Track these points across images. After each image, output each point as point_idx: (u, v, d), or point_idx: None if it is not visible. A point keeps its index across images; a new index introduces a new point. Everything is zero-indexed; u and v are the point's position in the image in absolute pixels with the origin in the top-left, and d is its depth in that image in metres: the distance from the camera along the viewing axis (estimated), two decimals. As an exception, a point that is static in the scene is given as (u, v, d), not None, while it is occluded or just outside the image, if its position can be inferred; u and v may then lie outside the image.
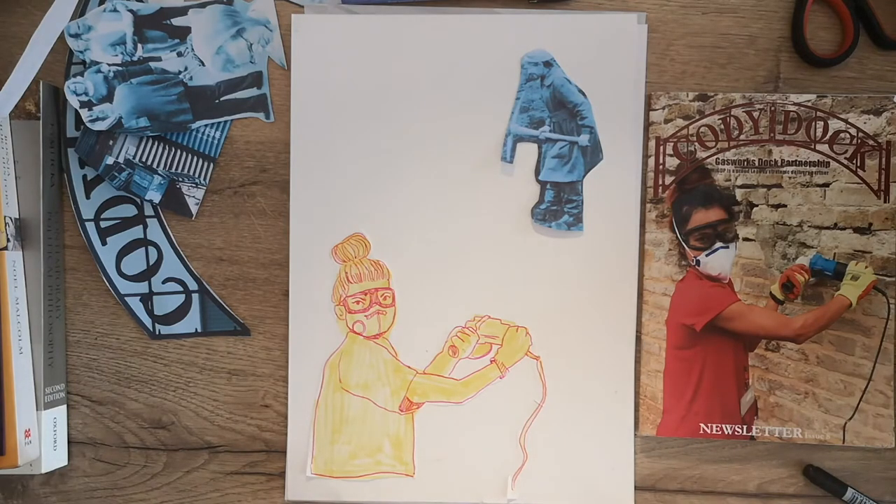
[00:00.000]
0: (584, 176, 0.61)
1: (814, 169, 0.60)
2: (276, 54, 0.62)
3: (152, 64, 0.61)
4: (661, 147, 0.61)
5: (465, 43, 0.61)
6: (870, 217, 0.60)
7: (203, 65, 0.62)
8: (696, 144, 0.61)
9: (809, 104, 0.60)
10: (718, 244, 0.61)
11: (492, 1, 0.62)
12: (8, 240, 0.59)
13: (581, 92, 0.61)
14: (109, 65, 0.61)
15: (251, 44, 0.62)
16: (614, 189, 0.61)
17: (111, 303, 0.63)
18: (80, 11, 0.62)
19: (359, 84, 0.62)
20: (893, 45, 0.60)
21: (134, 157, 0.62)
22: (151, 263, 0.63)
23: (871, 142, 0.60)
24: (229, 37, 0.62)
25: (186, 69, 0.62)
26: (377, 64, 0.62)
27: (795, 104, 0.60)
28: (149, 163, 0.62)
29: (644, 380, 0.61)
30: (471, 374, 0.62)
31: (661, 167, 0.61)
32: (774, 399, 0.61)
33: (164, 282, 0.63)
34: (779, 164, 0.60)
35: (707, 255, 0.61)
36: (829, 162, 0.60)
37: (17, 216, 0.60)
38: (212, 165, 0.63)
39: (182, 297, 0.63)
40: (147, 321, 0.63)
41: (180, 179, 0.62)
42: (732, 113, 0.60)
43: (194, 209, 0.63)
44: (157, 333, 0.63)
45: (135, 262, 0.63)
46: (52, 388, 0.61)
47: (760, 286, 0.61)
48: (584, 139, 0.61)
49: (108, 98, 0.60)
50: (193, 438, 0.63)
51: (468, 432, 0.62)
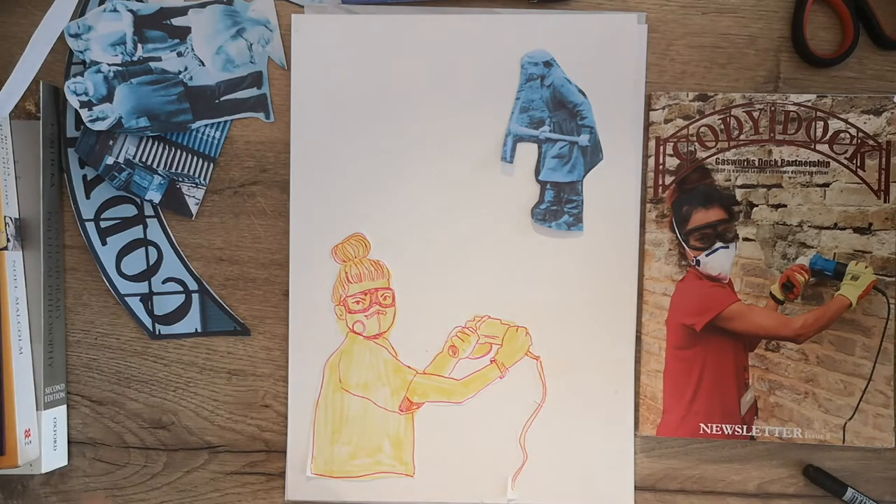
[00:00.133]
0: (584, 176, 0.61)
1: (814, 169, 0.60)
2: (276, 54, 0.62)
3: (152, 64, 0.61)
4: (661, 147, 0.61)
5: (465, 43, 0.61)
6: (870, 217, 0.60)
7: (203, 65, 0.62)
8: (696, 144, 0.61)
9: (809, 104, 0.60)
10: (718, 244, 0.61)
11: (492, 1, 0.62)
12: (8, 240, 0.59)
13: (581, 92, 0.61)
14: (109, 65, 0.61)
15: (251, 44, 0.62)
16: (614, 189, 0.61)
17: (111, 303, 0.63)
18: (80, 11, 0.62)
19: (359, 84, 0.62)
20: (893, 45, 0.60)
21: (134, 157, 0.62)
22: (151, 263, 0.63)
23: (871, 142, 0.60)
24: (229, 37, 0.62)
25: (186, 69, 0.62)
26: (377, 64, 0.62)
27: (795, 104, 0.60)
28: (149, 163, 0.62)
29: (644, 380, 0.61)
30: (471, 374, 0.62)
31: (661, 167, 0.61)
32: (774, 399, 0.61)
33: (164, 282, 0.63)
34: (779, 164, 0.60)
35: (707, 255, 0.61)
36: (829, 162, 0.60)
37: (17, 216, 0.60)
38: (212, 165, 0.63)
39: (182, 297, 0.63)
40: (147, 321, 0.63)
41: (180, 179, 0.62)
42: (732, 113, 0.60)
43: (194, 209, 0.63)
44: (157, 333, 0.63)
45: (135, 262, 0.63)
46: (52, 388, 0.61)
47: (760, 286, 0.61)
48: (584, 139, 0.61)
49: (108, 98, 0.60)
50: (193, 438, 0.63)
51: (468, 432, 0.62)
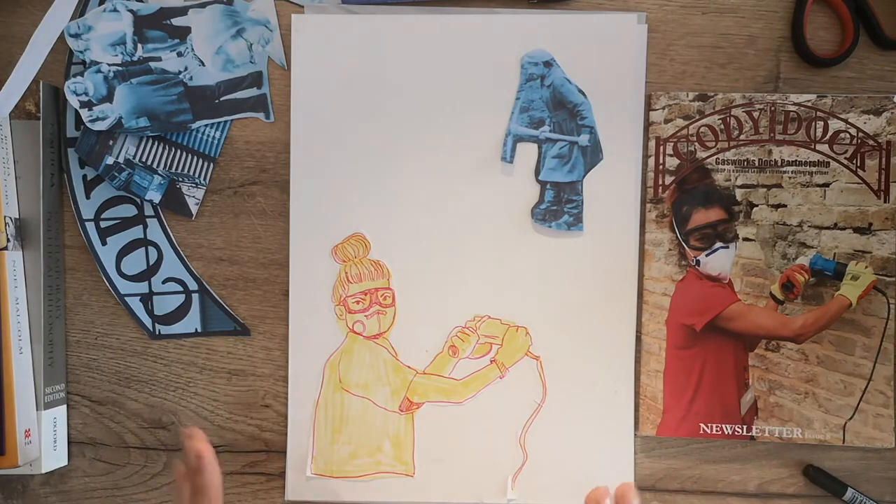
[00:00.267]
0: (584, 176, 0.61)
1: (814, 169, 0.60)
2: (276, 54, 0.62)
3: (152, 64, 0.61)
4: (661, 147, 0.61)
5: (465, 43, 0.61)
6: (870, 217, 0.60)
7: (203, 65, 0.62)
8: (696, 144, 0.61)
9: (809, 104, 0.60)
10: (718, 244, 0.61)
11: (492, 1, 0.62)
12: (8, 240, 0.59)
13: (581, 92, 0.61)
14: (109, 65, 0.61)
15: (251, 44, 0.62)
16: (614, 189, 0.61)
17: (111, 303, 0.63)
18: (80, 11, 0.62)
19: (359, 84, 0.62)
20: (893, 45, 0.60)
21: (134, 157, 0.62)
22: (151, 263, 0.63)
23: (871, 142, 0.60)
24: (229, 37, 0.62)
25: (186, 69, 0.62)
26: (377, 64, 0.61)
27: (795, 104, 0.60)
28: (149, 163, 0.62)
29: (644, 380, 0.61)
30: (471, 374, 0.62)
31: (661, 167, 0.61)
32: (774, 399, 0.60)
33: (164, 282, 0.63)
34: (779, 164, 0.60)
35: (707, 255, 0.61)
36: (829, 162, 0.60)
37: (17, 216, 0.60)
38: (212, 165, 0.63)
39: (182, 297, 0.63)
40: (147, 321, 0.63)
41: (180, 179, 0.62)
42: (732, 113, 0.60)
43: (194, 209, 0.63)
44: (157, 333, 0.63)
45: (135, 262, 0.63)
46: (52, 388, 0.61)
47: (760, 286, 0.61)
48: (584, 139, 0.61)
49: (108, 98, 0.60)
50: (193, 438, 0.63)
51: (468, 432, 0.62)
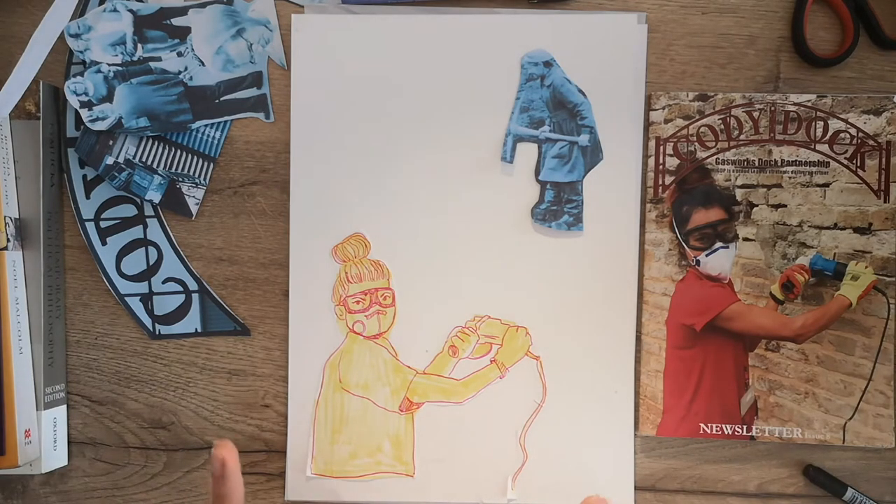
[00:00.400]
0: (584, 176, 0.61)
1: (814, 169, 0.60)
2: (276, 54, 0.62)
3: (152, 64, 0.61)
4: (661, 147, 0.61)
5: (465, 43, 0.61)
6: (870, 217, 0.60)
7: (203, 65, 0.62)
8: (696, 144, 0.61)
9: (809, 104, 0.60)
10: (718, 244, 0.61)
11: (492, 1, 0.62)
12: (8, 240, 0.59)
13: (581, 92, 0.61)
14: (109, 65, 0.61)
15: (251, 44, 0.62)
16: (614, 189, 0.61)
17: (111, 303, 0.63)
18: (80, 11, 0.62)
19: (359, 84, 0.62)
20: (893, 45, 0.60)
21: (134, 157, 0.62)
22: (151, 263, 0.63)
23: (871, 142, 0.60)
24: (229, 37, 0.62)
25: (186, 69, 0.62)
26: (377, 64, 0.62)
27: (795, 104, 0.60)
28: (149, 163, 0.62)
29: (644, 380, 0.61)
30: (471, 374, 0.62)
31: (661, 167, 0.61)
32: (774, 399, 0.60)
33: (164, 282, 0.63)
34: (779, 164, 0.60)
35: (707, 255, 0.61)
36: (829, 162, 0.60)
37: (17, 216, 0.60)
38: (212, 165, 0.63)
39: (182, 297, 0.63)
40: (147, 321, 0.63)
41: (180, 179, 0.62)
42: (732, 113, 0.60)
43: (194, 209, 0.63)
44: (157, 333, 0.63)
45: (135, 262, 0.63)
46: (52, 388, 0.61)
47: (760, 286, 0.61)
48: (584, 139, 0.61)
49: (108, 98, 0.60)
50: (193, 438, 0.63)
51: (468, 432, 0.62)
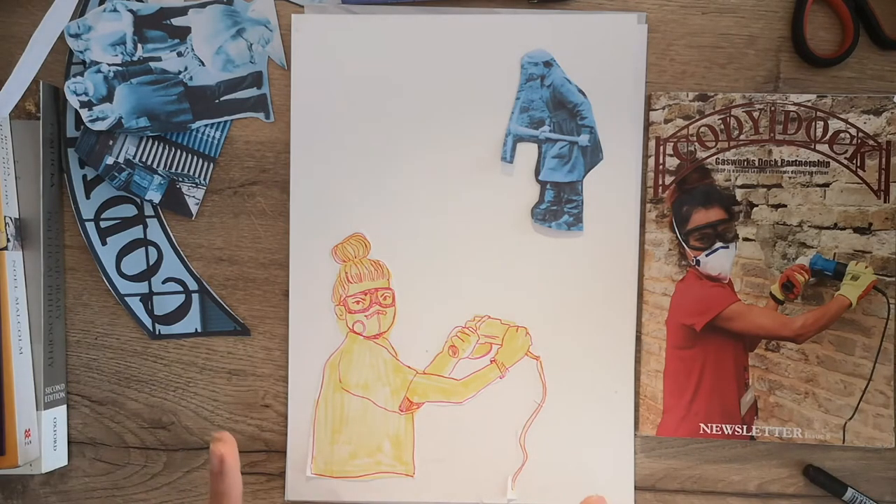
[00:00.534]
0: (584, 176, 0.61)
1: (814, 169, 0.60)
2: (276, 54, 0.62)
3: (152, 64, 0.61)
4: (661, 147, 0.61)
5: (465, 43, 0.61)
6: (870, 217, 0.60)
7: (203, 65, 0.62)
8: (696, 144, 0.61)
9: (809, 104, 0.60)
10: (718, 244, 0.61)
11: (492, 1, 0.62)
12: (8, 240, 0.59)
13: (581, 92, 0.61)
14: (109, 65, 0.61)
15: (251, 44, 0.62)
16: (614, 189, 0.61)
17: (111, 303, 0.63)
18: (80, 11, 0.62)
19: (359, 84, 0.62)
20: (893, 45, 0.60)
21: (134, 157, 0.62)
22: (151, 263, 0.63)
23: (871, 142, 0.60)
24: (229, 37, 0.62)
25: (186, 69, 0.62)
26: (377, 64, 0.62)
27: (795, 104, 0.60)
28: (149, 163, 0.62)
29: (644, 380, 0.61)
30: (471, 374, 0.62)
31: (661, 167, 0.61)
32: (774, 399, 0.60)
33: (164, 282, 0.63)
34: (779, 164, 0.60)
35: (707, 255, 0.61)
36: (829, 162, 0.60)
37: (17, 216, 0.60)
38: (212, 165, 0.63)
39: (182, 297, 0.63)
40: (147, 321, 0.63)
41: (180, 179, 0.62)
42: (732, 113, 0.60)
43: (194, 209, 0.63)
44: (157, 333, 0.63)
45: (135, 262, 0.63)
46: (52, 388, 0.61)
47: (760, 286, 0.61)
48: (584, 139, 0.61)
49: (108, 98, 0.60)
50: (193, 438, 0.63)
51: (468, 432, 0.62)
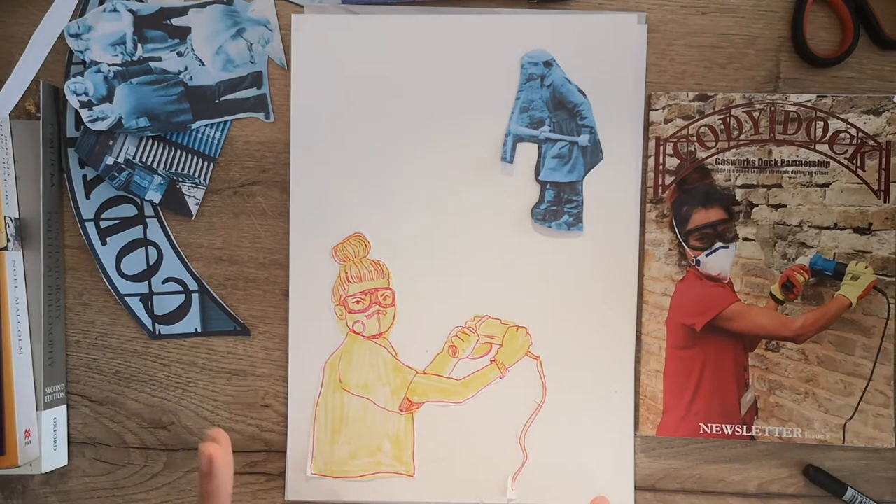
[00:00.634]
0: (584, 176, 0.61)
1: (814, 169, 0.60)
2: (276, 54, 0.62)
3: (152, 64, 0.61)
4: (661, 147, 0.61)
5: (465, 43, 0.61)
6: (870, 217, 0.60)
7: (203, 65, 0.62)
8: (696, 144, 0.61)
9: (809, 104, 0.60)
10: (718, 244, 0.61)
11: (492, 1, 0.62)
12: (8, 240, 0.59)
13: (581, 92, 0.61)
14: (109, 65, 0.61)
15: (251, 44, 0.62)
16: (614, 189, 0.61)
17: (111, 303, 0.63)
18: (80, 11, 0.62)
19: (359, 84, 0.62)
20: (893, 45, 0.60)
21: (134, 157, 0.62)
22: (151, 263, 0.63)
23: (871, 142, 0.60)
24: (229, 37, 0.62)
25: (186, 69, 0.62)
26: (377, 64, 0.62)
27: (795, 104, 0.60)
28: (149, 163, 0.62)
29: (644, 380, 0.61)
30: (471, 374, 0.62)
31: (661, 167, 0.61)
32: (774, 399, 0.60)
33: (164, 282, 0.63)
34: (779, 164, 0.60)
35: (707, 255, 0.61)
36: (829, 162, 0.60)
37: (17, 216, 0.60)
38: (212, 165, 0.63)
39: (182, 297, 0.63)
40: (147, 321, 0.63)
41: (180, 179, 0.62)
42: (732, 113, 0.60)
43: (194, 209, 0.63)
44: (157, 333, 0.63)
45: (135, 262, 0.63)
46: (52, 388, 0.61)
47: (760, 286, 0.61)
48: (584, 139, 0.61)
49: (108, 98, 0.60)
50: (193, 438, 0.63)
51: (468, 432, 0.62)
